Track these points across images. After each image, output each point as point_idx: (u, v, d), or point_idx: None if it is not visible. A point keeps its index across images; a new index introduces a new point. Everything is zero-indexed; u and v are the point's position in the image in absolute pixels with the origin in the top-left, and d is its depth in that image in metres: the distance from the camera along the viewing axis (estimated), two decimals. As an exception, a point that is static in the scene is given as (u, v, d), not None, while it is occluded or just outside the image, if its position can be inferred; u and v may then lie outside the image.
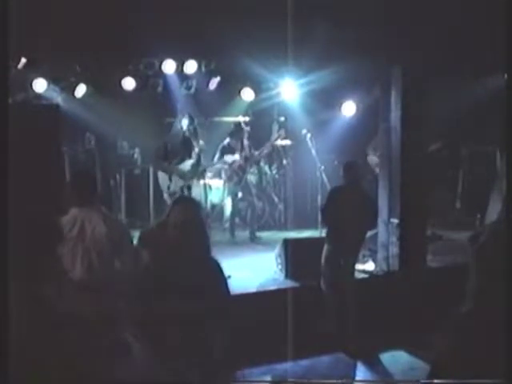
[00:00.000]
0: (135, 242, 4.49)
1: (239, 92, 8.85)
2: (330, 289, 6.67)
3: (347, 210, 6.56)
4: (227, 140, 9.20)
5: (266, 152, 9.43)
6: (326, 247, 6.70)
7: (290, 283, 7.09)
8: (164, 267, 3.60)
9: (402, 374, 5.96)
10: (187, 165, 7.88)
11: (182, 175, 7.86)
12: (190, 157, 7.93)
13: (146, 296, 3.53)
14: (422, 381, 2.88)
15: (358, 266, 7.17)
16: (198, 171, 7.98)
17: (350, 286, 6.70)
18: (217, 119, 10.12)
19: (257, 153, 9.23)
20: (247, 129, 9.28)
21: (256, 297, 6.77)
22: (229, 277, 6.55)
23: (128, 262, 4.59)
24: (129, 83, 8.13)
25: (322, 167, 8.65)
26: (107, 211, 4.80)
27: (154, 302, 3.50)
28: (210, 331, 3.66)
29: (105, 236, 4.54)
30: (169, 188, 7.95)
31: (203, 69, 8.23)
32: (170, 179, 7.91)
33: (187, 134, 7.97)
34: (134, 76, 8.12)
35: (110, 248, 4.58)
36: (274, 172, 10.42)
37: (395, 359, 6.38)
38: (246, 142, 9.24)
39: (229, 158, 8.95)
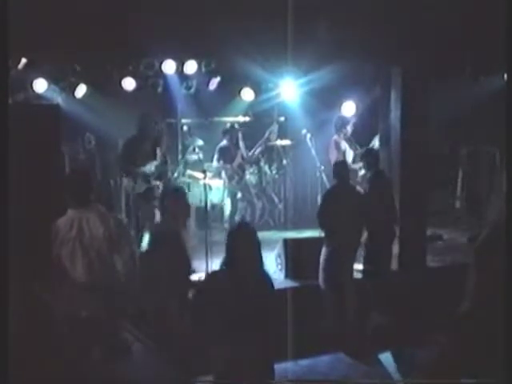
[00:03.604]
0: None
1: (239, 92, 8.85)
2: (329, 289, 6.68)
3: (342, 210, 6.55)
4: (223, 141, 9.21)
5: (259, 151, 9.42)
6: (324, 249, 6.70)
7: (289, 283, 7.09)
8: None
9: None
10: (152, 166, 7.86)
11: (147, 176, 7.84)
12: (154, 158, 7.91)
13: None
14: (422, 381, 2.88)
15: (358, 266, 7.17)
16: (164, 172, 7.96)
17: (349, 286, 6.70)
18: (217, 119, 10.12)
19: (251, 152, 9.25)
20: (241, 129, 9.27)
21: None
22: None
23: (127, 260, 4.60)
24: (129, 83, 8.12)
25: (322, 167, 8.64)
26: (105, 210, 4.78)
27: None
28: None
29: (102, 235, 4.54)
30: (133, 189, 7.90)
31: (203, 69, 8.22)
32: (135, 181, 7.86)
33: (148, 135, 7.92)
34: (134, 76, 8.11)
35: (109, 247, 4.58)
36: (274, 172, 10.42)
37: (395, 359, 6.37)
38: (241, 142, 9.25)
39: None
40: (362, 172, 8.35)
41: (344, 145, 8.71)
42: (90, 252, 4.54)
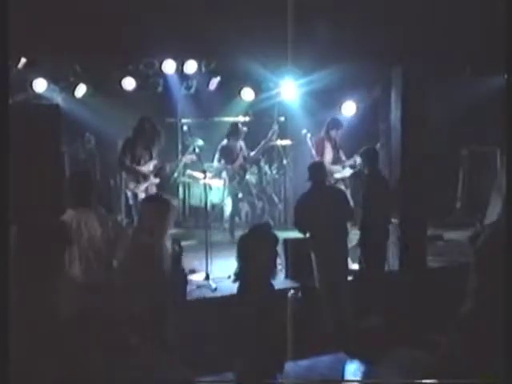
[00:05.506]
0: None
1: (239, 92, 8.84)
2: (324, 291, 6.64)
3: (320, 213, 6.48)
4: (225, 141, 9.21)
5: (261, 151, 9.42)
6: (312, 255, 6.63)
7: (289, 283, 7.09)
8: None
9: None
10: (150, 165, 7.90)
11: (145, 175, 7.87)
12: (150, 158, 7.95)
13: None
14: (422, 381, 2.88)
15: (354, 266, 7.18)
16: (163, 170, 8.03)
17: (343, 286, 6.68)
18: (217, 119, 10.12)
19: (253, 153, 9.25)
20: (244, 129, 9.27)
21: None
22: (228, 277, 6.59)
23: (125, 261, 4.60)
24: (129, 83, 8.12)
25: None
26: (104, 211, 4.79)
27: None
28: None
29: (100, 236, 4.55)
30: (136, 187, 7.92)
31: (203, 69, 8.22)
32: (137, 180, 7.89)
33: (145, 135, 7.96)
34: (134, 76, 8.11)
35: (107, 248, 4.58)
36: (274, 172, 10.42)
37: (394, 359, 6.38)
38: (242, 142, 9.25)
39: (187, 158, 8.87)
40: (338, 175, 8.37)
41: (327, 144, 8.64)
42: (88, 253, 4.55)
